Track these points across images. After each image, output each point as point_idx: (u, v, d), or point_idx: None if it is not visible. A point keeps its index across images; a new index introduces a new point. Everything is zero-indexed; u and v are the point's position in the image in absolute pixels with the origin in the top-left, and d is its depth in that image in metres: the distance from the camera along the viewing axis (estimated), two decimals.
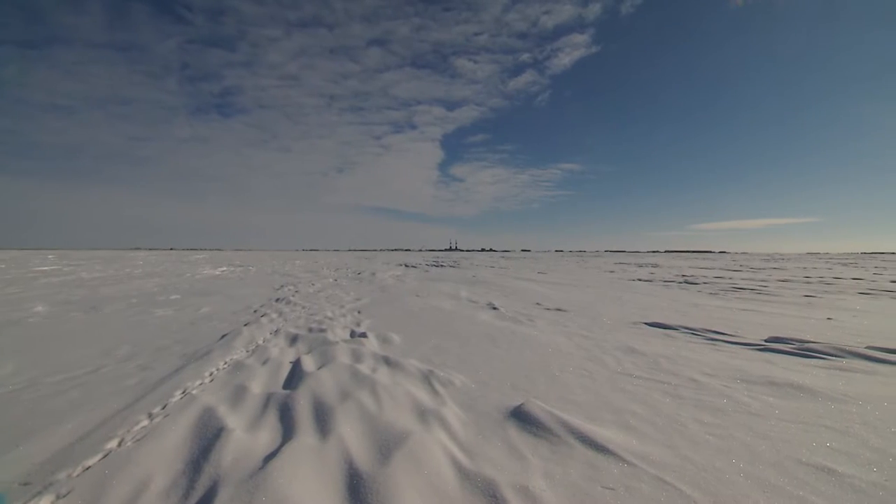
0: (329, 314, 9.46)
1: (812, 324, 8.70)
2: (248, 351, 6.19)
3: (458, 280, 19.29)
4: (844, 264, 46.11)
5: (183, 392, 4.39)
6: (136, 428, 3.52)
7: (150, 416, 3.78)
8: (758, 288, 17.30)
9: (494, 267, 35.25)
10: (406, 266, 33.44)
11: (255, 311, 9.88)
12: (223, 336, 7.13)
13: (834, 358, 5.83)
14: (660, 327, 8.09)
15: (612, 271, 30.36)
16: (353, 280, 19.23)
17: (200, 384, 4.66)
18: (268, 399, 4.13)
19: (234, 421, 3.59)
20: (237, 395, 4.26)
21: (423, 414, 3.72)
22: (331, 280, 19.21)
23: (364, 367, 5.08)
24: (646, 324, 8.39)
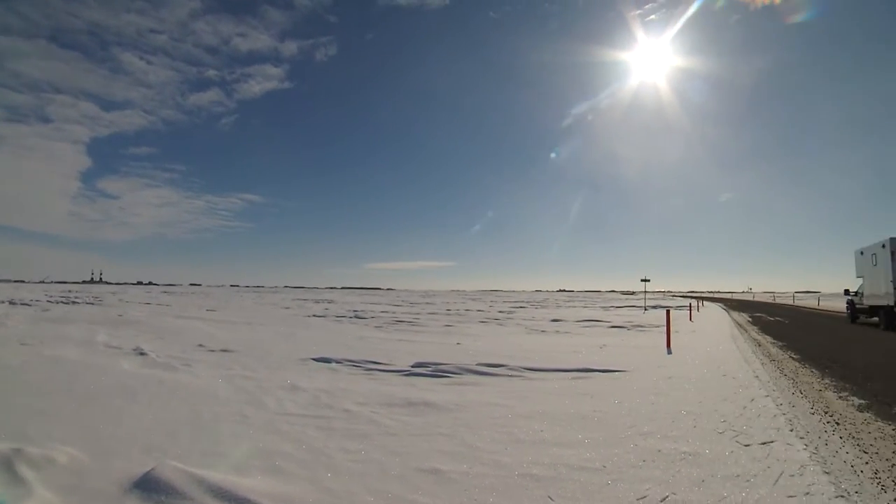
0: None
1: (447, 348, 10.73)
2: None
3: (95, 320, 15.41)
4: (473, 299, 59.73)
5: None
6: None
7: None
8: (413, 320, 20.35)
9: (152, 304, 30.02)
10: (12, 303, 24.67)
11: None
12: None
13: (456, 375, 7.28)
14: (326, 362, 8.42)
15: (288, 307, 30.29)
16: None
17: None
18: None
19: None
20: None
21: None
22: None
23: None
24: (313, 359, 8.59)
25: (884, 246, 16.12)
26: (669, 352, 10.01)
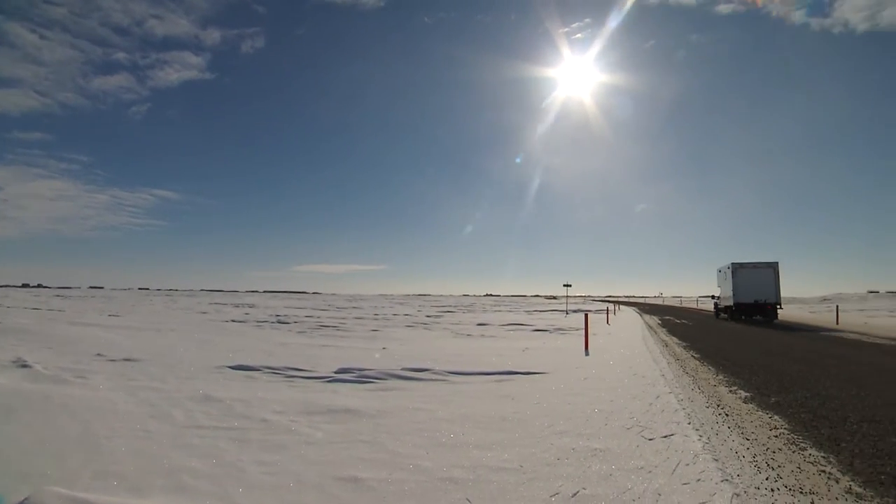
0: None
1: (372, 353, 10.58)
2: None
3: None
4: (401, 303, 59.45)
5: None
6: None
7: None
8: (338, 325, 19.89)
9: (42, 309, 26.97)
10: None
11: None
12: None
13: (380, 381, 7.19)
14: (243, 369, 7.98)
15: (204, 312, 28.45)
16: None
17: None
18: None
19: None
20: None
21: None
22: None
23: None
24: (230, 367, 8.11)
25: (728, 267, 23.89)
26: (587, 353, 10.55)
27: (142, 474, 3.38)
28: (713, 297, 28.80)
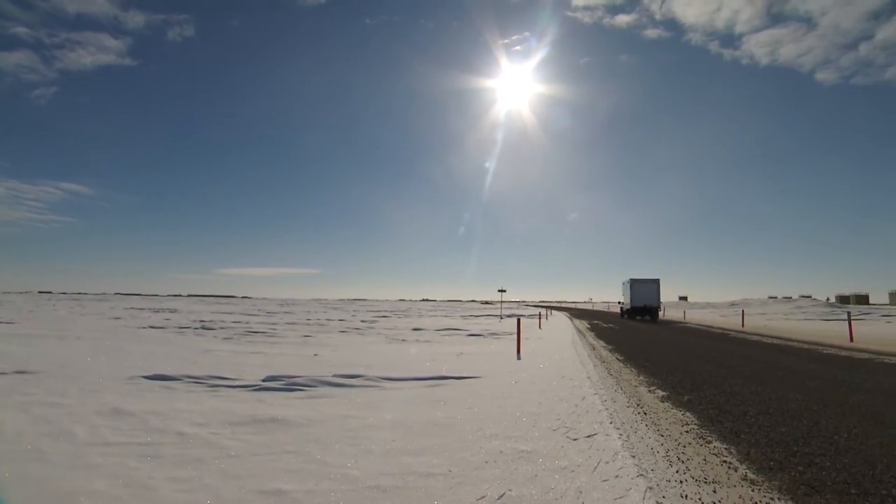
0: None
1: (303, 360, 10.24)
2: None
3: None
4: (336, 308, 58.09)
5: None
6: None
7: None
8: (268, 331, 19.08)
9: None
10: None
11: None
12: None
13: (310, 388, 6.97)
14: (161, 379, 7.45)
15: (118, 318, 26.28)
16: None
17: None
18: None
19: None
20: None
21: None
22: None
23: None
24: (145, 377, 7.54)
25: (627, 281, 33.12)
26: (519, 358, 10.82)
27: (30, 501, 3.04)
28: (619, 302, 39.07)
